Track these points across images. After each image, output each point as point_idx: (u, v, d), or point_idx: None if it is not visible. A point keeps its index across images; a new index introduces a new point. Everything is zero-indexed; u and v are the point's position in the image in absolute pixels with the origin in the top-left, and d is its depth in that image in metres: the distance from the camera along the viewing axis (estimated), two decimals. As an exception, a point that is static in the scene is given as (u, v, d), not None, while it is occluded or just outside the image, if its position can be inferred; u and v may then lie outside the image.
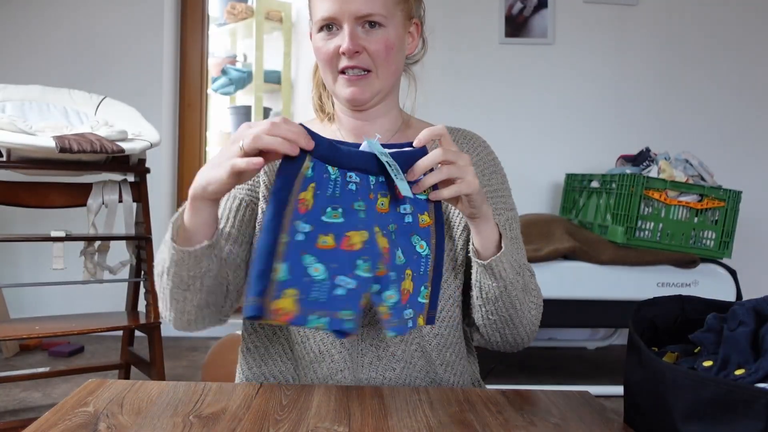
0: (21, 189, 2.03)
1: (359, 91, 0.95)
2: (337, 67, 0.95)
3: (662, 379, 0.66)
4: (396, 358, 0.94)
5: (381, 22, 0.93)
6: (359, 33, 0.93)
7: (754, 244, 3.04)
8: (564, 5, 3.17)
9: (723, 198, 2.38)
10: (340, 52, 0.93)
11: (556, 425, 0.73)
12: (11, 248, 3.11)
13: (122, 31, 3.19)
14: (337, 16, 0.92)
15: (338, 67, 0.94)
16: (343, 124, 1.03)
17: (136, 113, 2.29)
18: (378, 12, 0.92)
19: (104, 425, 0.69)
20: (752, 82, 3.19)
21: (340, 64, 0.94)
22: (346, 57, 0.93)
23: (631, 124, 3.17)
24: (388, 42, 0.94)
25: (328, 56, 0.94)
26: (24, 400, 2.24)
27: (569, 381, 2.62)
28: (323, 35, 0.95)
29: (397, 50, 0.96)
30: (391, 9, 0.94)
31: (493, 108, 3.17)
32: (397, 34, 0.96)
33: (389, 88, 0.99)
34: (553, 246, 2.39)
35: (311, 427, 0.69)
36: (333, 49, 0.94)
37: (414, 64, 1.06)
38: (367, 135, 1.02)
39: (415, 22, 1.01)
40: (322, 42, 0.95)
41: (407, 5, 0.98)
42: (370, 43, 0.93)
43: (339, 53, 0.93)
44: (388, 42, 0.94)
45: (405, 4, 0.97)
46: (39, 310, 2.68)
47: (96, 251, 2.16)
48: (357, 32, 0.93)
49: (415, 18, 1.01)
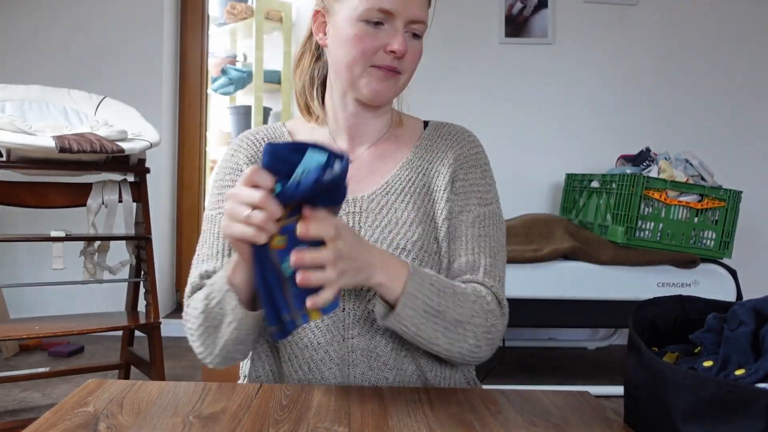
0: (21, 189, 2.03)
1: (387, 87, 0.94)
2: (372, 62, 0.93)
3: (662, 379, 0.66)
4: (388, 367, 0.93)
5: (420, 33, 0.95)
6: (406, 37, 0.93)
7: (754, 244, 3.04)
8: (564, 5, 3.17)
9: (723, 198, 2.38)
10: (388, 50, 0.91)
11: (556, 425, 0.73)
12: (11, 248, 3.11)
13: (122, 31, 3.19)
14: (395, 13, 0.91)
15: (375, 62, 0.93)
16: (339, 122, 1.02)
17: (136, 113, 2.29)
18: (425, 20, 0.94)
19: (104, 425, 0.69)
20: (752, 82, 3.19)
21: (377, 60, 0.92)
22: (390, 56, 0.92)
23: (631, 124, 3.17)
24: (421, 52, 0.96)
25: (371, 50, 0.92)
26: (24, 400, 2.24)
27: (569, 381, 2.62)
28: (366, 26, 0.91)
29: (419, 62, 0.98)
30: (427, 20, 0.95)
31: (493, 108, 3.17)
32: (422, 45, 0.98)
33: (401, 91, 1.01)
34: (553, 246, 2.39)
35: (311, 427, 0.69)
36: (380, 44, 0.91)
37: None
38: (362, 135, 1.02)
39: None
40: (364, 33, 0.91)
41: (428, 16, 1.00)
42: (411, 51, 0.94)
43: (386, 51, 0.92)
44: (421, 52, 0.96)
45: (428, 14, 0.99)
46: (39, 310, 2.68)
47: (96, 251, 2.16)
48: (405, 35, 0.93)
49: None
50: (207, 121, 3.61)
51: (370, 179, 1.00)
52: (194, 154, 3.49)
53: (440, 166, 1.01)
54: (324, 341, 0.92)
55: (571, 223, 2.67)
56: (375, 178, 1.00)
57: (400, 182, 1.00)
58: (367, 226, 0.96)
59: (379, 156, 1.03)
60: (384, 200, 0.98)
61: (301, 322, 0.76)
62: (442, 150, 1.03)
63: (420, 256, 0.94)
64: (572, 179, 2.93)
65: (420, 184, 1.00)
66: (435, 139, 1.05)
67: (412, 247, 0.94)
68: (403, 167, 1.01)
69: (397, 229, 0.96)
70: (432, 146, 1.04)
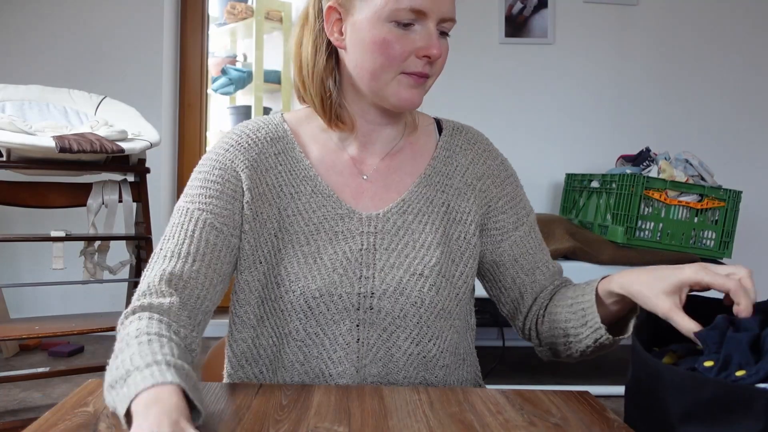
0: (21, 189, 2.03)
1: (417, 96, 0.87)
2: (406, 68, 0.85)
3: (662, 380, 0.66)
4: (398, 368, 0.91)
5: (450, 30, 0.88)
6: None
7: (754, 244, 3.04)
8: (564, 5, 3.17)
9: (723, 198, 2.38)
10: (422, 54, 0.84)
11: (556, 425, 0.73)
12: (11, 248, 3.11)
13: (122, 31, 3.19)
14: (428, 12, 0.83)
15: (407, 68, 0.85)
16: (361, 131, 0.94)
17: (136, 113, 2.29)
18: (455, 18, 0.87)
19: (104, 425, 0.69)
20: (752, 82, 3.19)
21: (410, 66, 0.85)
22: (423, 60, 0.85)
23: (631, 124, 3.17)
24: (448, 52, 0.89)
25: (402, 55, 0.84)
26: (24, 400, 2.24)
27: (569, 381, 2.62)
28: (395, 28, 0.83)
29: None
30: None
31: (493, 108, 3.17)
32: None
33: None
34: (553, 246, 2.39)
35: (311, 427, 0.69)
36: (411, 48, 0.84)
37: None
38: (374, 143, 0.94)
39: None
40: (395, 36, 0.83)
41: None
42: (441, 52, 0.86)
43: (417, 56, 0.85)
44: (448, 52, 0.89)
45: None
46: (39, 310, 2.69)
47: (96, 251, 2.16)
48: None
49: None
50: (207, 121, 3.61)
51: (385, 195, 0.93)
52: (194, 154, 3.49)
53: (461, 183, 0.96)
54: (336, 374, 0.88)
55: (571, 223, 2.67)
56: (390, 194, 0.93)
57: (418, 200, 0.93)
58: (383, 249, 0.90)
59: (394, 169, 0.95)
60: (401, 220, 0.92)
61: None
62: (463, 164, 0.97)
63: (438, 282, 0.90)
64: (572, 179, 2.93)
65: (439, 203, 0.94)
66: (453, 149, 0.98)
67: (429, 272, 0.89)
68: (421, 183, 0.94)
69: (414, 253, 0.90)
70: (451, 158, 0.97)
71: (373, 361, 0.89)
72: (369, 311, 0.88)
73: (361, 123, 0.93)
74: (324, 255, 0.89)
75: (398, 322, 0.89)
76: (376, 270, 0.89)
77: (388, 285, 0.89)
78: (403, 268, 0.89)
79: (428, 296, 0.89)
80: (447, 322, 0.92)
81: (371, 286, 0.89)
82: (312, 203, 0.91)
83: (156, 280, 0.82)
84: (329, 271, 0.88)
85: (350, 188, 0.93)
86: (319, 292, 0.87)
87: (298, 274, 0.88)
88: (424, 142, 0.98)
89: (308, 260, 0.88)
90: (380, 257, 0.90)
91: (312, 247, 0.89)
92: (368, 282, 0.89)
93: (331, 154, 0.95)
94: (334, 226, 0.90)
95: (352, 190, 0.93)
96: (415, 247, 0.91)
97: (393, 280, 0.89)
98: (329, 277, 0.88)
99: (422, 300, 0.89)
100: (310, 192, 0.91)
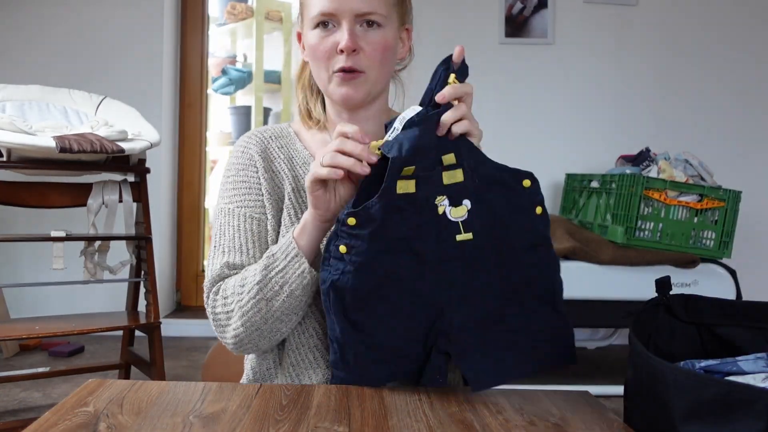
0: (21, 189, 2.03)
1: (353, 90, 0.94)
2: (333, 67, 0.93)
3: (662, 379, 0.66)
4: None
5: (380, 22, 0.93)
6: (358, 32, 0.92)
7: (754, 244, 3.04)
8: (564, 5, 3.17)
9: (723, 198, 2.38)
10: (338, 49, 0.92)
11: (556, 425, 0.73)
12: (11, 248, 3.11)
13: (122, 31, 3.19)
14: (336, 13, 0.91)
15: (334, 67, 0.93)
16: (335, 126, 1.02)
17: (136, 113, 2.29)
18: (377, 11, 0.92)
19: (104, 425, 0.69)
20: (752, 81, 3.19)
21: (335, 64, 0.93)
22: (344, 55, 0.91)
23: (631, 124, 3.17)
24: (386, 42, 0.94)
25: (326, 53, 0.93)
26: (24, 400, 2.24)
27: (569, 381, 2.62)
28: (319, 32, 0.93)
29: (391, 52, 0.96)
30: (389, 10, 0.94)
31: (492, 108, 3.17)
32: (393, 36, 0.96)
33: (381, 89, 0.99)
34: (554, 246, 2.39)
35: (311, 427, 0.69)
36: (331, 45, 0.92)
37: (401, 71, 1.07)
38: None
39: (406, 27, 1.01)
40: (318, 39, 0.93)
41: (402, 9, 0.98)
42: (367, 43, 0.92)
43: (336, 51, 0.92)
44: (386, 42, 0.94)
45: (400, 7, 0.97)
46: (39, 310, 2.68)
47: (96, 251, 2.16)
48: (356, 31, 0.92)
49: (407, 24, 1.02)
50: (207, 121, 3.61)
51: None
52: (194, 154, 3.49)
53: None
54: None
55: (571, 223, 2.67)
56: None
57: None
58: None
59: None
60: None
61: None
62: None
63: None
64: (572, 179, 2.93)
65: None
66: None
67: None
68: None
69: None
70: None
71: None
72: None
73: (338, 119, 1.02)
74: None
75: None
76: None
77: None
78: None
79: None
80: None
81: None
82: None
83: (222, 270, 0.95)
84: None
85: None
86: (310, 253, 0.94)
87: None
88: None
89: None
90: None
91: None
92: None
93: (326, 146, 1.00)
94: None
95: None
96: None
97: None
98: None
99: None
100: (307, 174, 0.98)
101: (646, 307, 0.84)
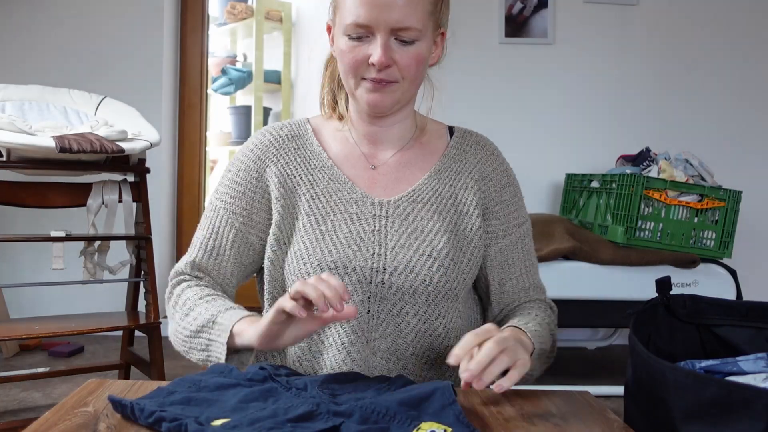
0: (21, 189, 2.03)
1: (381, 98, 0.93)
2: (362, 75, 0.92)
3: (662, 379, 0.66)
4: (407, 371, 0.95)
5: (415, 38, 0.90)
6: (392, 45, 0.89)
7: (754, 244, 3.04)
8: (564, 5, 3.17)
9: (723, 198, 2.38)
10: (369, 62, 0.89)
11: (556, 425, 0.73)
12: (11, 248, 3.11)
13: (122, 31, 3.19)
14: (372, 25, 0.88)
15: (363, 75, 0.92)
16: (357, 128, 1.02)
17: (136, 113, 2.29)
18: (414, 26, 0.89)
19: (104, 425, 0.69)
20: (753, 81, 3.19)
21: (366, 73, 0.91)
22: (375, 68, 0.90)
23: (631, 124, 3.17)
24: (420, 56, 0.91)
25: (356, 64, 0.91)
26: (24, 400, 2.24)
27: (569, 381, 2.62)
28: (350, 41, 0.91)
29: (425, 64, 0.94)
30: (426, 22, 0.91)
31: (492, 108, 3.17)
32: (427, 48, 0.93)
33: (410, 97, 0.98)
34: (553, 246, 2.39)
35: (311, 427, 0.69)
36: (362, 57, 0.90)
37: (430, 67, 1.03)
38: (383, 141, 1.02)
39: (442, 31, 0.98)
40: (349, 48, 0.91)
41: (437, 16, 0.94)
42: (402, 58, 0.90)
43: (367, 62, 0.90)
44: (420, 56, 0.91)
45: (436, 14, 0.94)
46: (39, 310, 2.68)
47: (96, 251, 2.16)
48: (390, 44, 0.89)
49: (442, 27, 0.98)
50: (207, 121, 3.61)
51: (396, 186, 1.00)
52: (194, 154, 3.49)
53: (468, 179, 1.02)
54: (348, 342, 0.93)
55: (571, 223, 2.67)
56: (401, 185, 1.00)
57: (427, 191, 1.00)
58: (393, 231, 0.96)
59: (404, 164, 1.02)
60: (410, 207, 0.98)
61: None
62: (471, 162, 1.03)
63: (446, 264, 0.95)
64: (572, 179, 2.92)
65: (446, 195, 1.00)
66: (463, 148, 1.04)
67: (437, 255, 0.95)
68: (431, 177, 1.01)
69: (423, 237, 0.96)
70: (460, 156, 1.03)
71: (383, 335, 0.94)
72: (380, 286, 0.94)
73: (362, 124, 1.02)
74: (339, 233, 0.96)
75: (407, 299, 0.94)
76: (388, 249, 0.95)
77: (399, 263, 0.94)
78: (413, 249, 0.95)
79: (437, 275, 0.94)
80: (453, 304, 0.98)
81: (383, 262, 0.94)
82: (329, 189, 0.99)
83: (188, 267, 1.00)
84: (344, 246, 0.95)
85: (364, 179, 1.00)
86: (334, 264, 0.93)
87: (316, 248, 0.95)
88: (435, 143, 1.05)
89: (325, 237, 0.96)
90: (392, 238, 0.96)
91: (329, 225, 0.97)
92: (380, 258, 0.95)
93: (347, 150, 1.03)
94: (349, 209, 0.97)
95: (365, 181, 1.00)
96: (424, 231, 0.97)
97: (404, 258, 0.95)
98: (344, 251, 0.94)
99: (431, 278, 0.94)
100: (327, 180, 0.99)
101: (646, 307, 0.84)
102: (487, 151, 1.05)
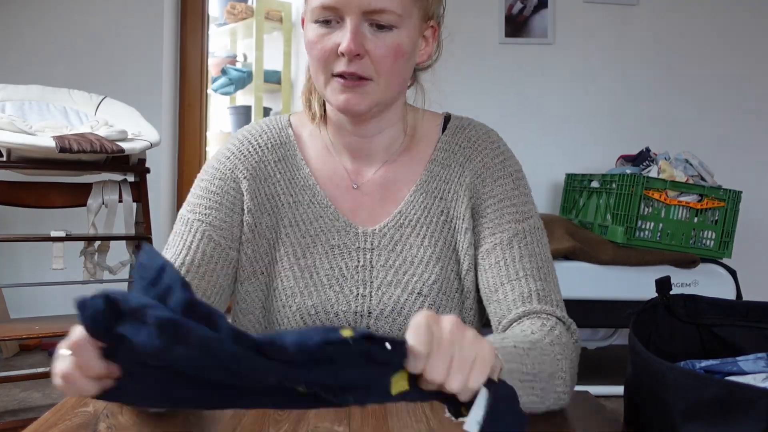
0: (21, 189, 2.03)
1: (355, 100, 0.80)
2: (332, 69, 0.79)
3: (662, 379, 0.66)
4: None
5: (393, 23, 0.78)
6: (365, 32, 0.77)
7: (754, 244, 3.04)
8: (564, 5, 3.17)
9: (723, 198, 2.38)
10: (338, 51, 0.77)
11: (556, 425, 0.73)
12: (11, 248, 3.10)
13: (122, 31, 3.18)
14: (340, 6, 0.76)
15: (333, 70, 0.79)
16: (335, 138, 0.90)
17: (136, 113, 2.29)
18: (392, 9, 0.77)
19: (104, 425, 0.69)
20: (753, 82, 3.19)
21: (335, 67, 0.79)
22: (345, 59, 0.77)
23: (631, 124, 3.17)
24: (399, 48, 0.79)
25: (323, 54, 0.79)
26: (24, 400, 2.24)
27: (569, 381, 2.62)
28: (319, 27, 0.79)
29: (407, 57, 0.81)
30: (407, 7, 0.78)
31: (493, 108, 3.17)
32: (410, 39, 0.80)
33: (392, 99, 0.85)
34: (554, 246, 2.39)
35: (311, 427, 0.69)
36: (330, 46, 0.78)
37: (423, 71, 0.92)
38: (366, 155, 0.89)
39: (432, 24, 0.86)
40: (317, 36, 0.79)
41: (426, 3, 0.82)
42: (375, 47, 0.77)
43: (337, 53, 0.78)
44: (399, 48, 0.79)
45: (424, 1, 0.82)
46: (39, 310, 2.68)
47: (96, 251, 2.16)
48: (362, 30, 0.77)
49: (433, 20, 0.86)
50: (207, 121, 3.61)
51: (381, 209, 0.89)
52: (194, 154, 3.49)
53: (458, 186, 0.89)
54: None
55: (571, 223, 2.67)
56: (386, 206, 0.89)
57: (415, 211, 0.88)
58: (380, 266, 0.87)
59: (390, 180, 0.90)
60: (397, 234, 0.87)
61: None
62: (459, 163, 0.90)
63: (438, 300, 0.86)
64: (572, 179, 2.92)
65: (437, 211, 0.88)
66: (452, 149, 0.91)
67: (429, 291, 0.85)
68: (417, 191, 0.89)
69: (413, 270, 0.86)
70: (448, 159, 0.90)
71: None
72: None
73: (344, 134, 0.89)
74: (320, 270, 0.87)
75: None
76: (373, 288, 0.87)
77: (386, 304, 0.86)
78: (401, 287, 0.86)
79: None
80: None
81: (368, 305, 0.86)
82: (309, 213, 0.89)
83: None
84: (325, 287, 0.86)
85: (347, 201, 0.90)
86: (315, 309, 0.86)
87: (294, 289, 0.87)
88: (423, 146, 0.92)
89: (304, 275, 0.87)
90: (377, 275, 0.87)
91: (308, 260, 0.87)
92: (365, 300, 0.86)
93: (329, 165, 0.91)
94: (330, 239, 0.88)
95: (348, 203, 0.90)
96: (414, 263, 0.87)
97: (390, 299, 0.86)
98: (325, 294, 0.86)
99: None
100: (308, 201, 0.89)
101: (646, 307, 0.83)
102: (479, 146, 0.90)
